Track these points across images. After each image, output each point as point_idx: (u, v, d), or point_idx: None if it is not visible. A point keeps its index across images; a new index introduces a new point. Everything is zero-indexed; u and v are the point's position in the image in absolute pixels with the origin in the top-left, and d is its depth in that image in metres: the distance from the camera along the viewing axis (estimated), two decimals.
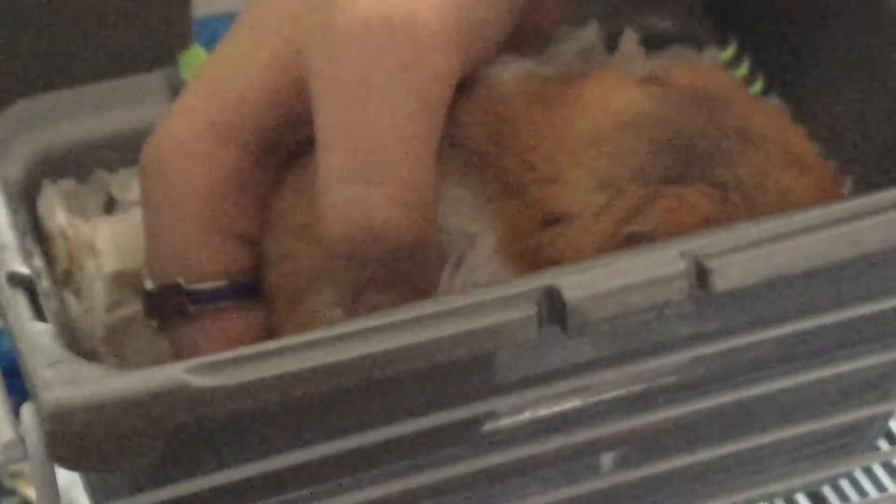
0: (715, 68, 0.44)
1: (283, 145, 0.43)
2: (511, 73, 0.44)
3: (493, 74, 0.44)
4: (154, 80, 0.52)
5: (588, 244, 0.41)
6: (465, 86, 0.43)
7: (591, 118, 0.42)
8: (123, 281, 0.49)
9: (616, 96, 0.43)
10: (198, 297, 0.43)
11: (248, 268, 0.43)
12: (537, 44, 0.48)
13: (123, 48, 0.63)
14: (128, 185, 0.51)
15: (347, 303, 0.41)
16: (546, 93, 0.44)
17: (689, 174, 0.41)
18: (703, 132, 0.42)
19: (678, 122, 0.42)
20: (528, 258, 0.41)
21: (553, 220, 0.41)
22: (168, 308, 0.43)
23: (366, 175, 0.39)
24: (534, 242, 0.41)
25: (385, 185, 0.39)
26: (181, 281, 0.43)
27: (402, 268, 0.40)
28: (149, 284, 0.44)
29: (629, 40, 0.53)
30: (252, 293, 0.43)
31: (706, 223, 0.40)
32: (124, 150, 0.52)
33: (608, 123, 0.42)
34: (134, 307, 0.48)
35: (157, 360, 0.46)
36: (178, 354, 0.44)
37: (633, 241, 0.40)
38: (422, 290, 0.40)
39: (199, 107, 0.43)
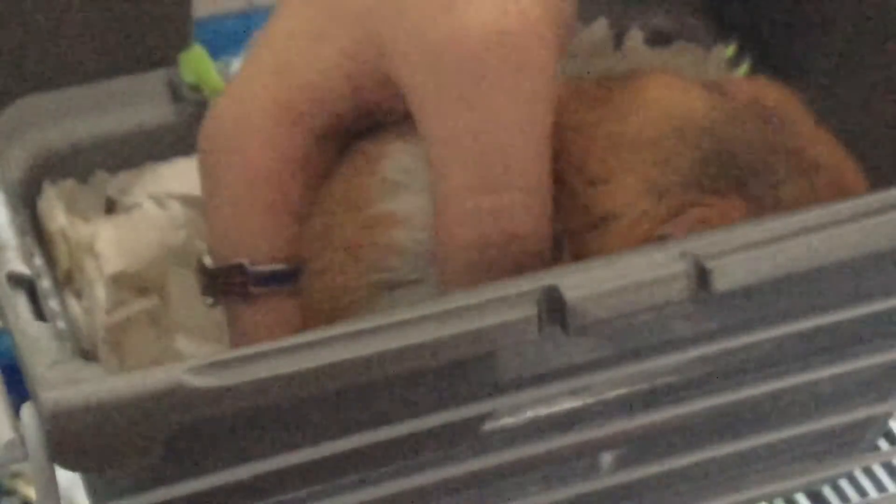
0: (779, 86, 0.44)
1: (347, 132, 0.43)
2: (560, 82, 0.43)
3: None
4: (154, 80, 0.52)
5: (626, 245, 0.41)
6: None
7: (648, 119, 0.42)
8: (124, 282, 0.49)
9: (676, 99, 0.43)
10: (259, 279, 0.43)
11: (301, 251, 0.43)
12: None
13: (123, 48, 0.63)
14: (127, 189, 0.52)
15: None
16: (594, 93, 0.44)
17: (730, 186, 0.41)
18: (755, 148, 0.42)
19: (732, 135, 0.42)
20: (576, 256, 0.42)
21: (600, 221, 0.42)
22: (228, 288, 0.43)
23: (497, 183, 0.39)
24: (578, 243, 0.42)
25: (519, 191, 0.39)
26: (245, 262, 0.43)
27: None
28: (208, 262, 0.44)
29: (634, 38, 0.53)
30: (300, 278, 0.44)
31: None
32: (124, 150, 0.52)
33: (664, 127, 0.42)
34: (135, 308, 0.48)
35: (157, 361, 0.46)
36: (234, 333, 0.44)
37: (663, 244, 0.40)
38: None
39: (263, 86, 0.42)
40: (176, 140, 0.51)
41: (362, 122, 0.43)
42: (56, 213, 0.50)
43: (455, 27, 0.40)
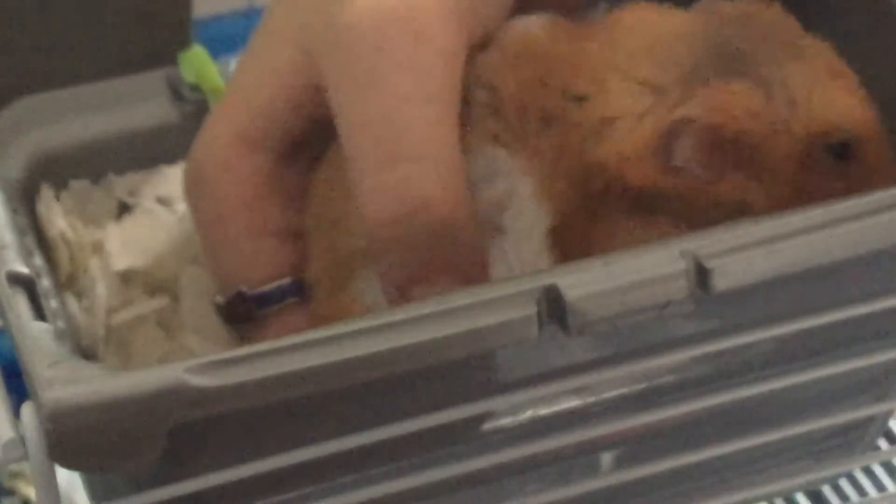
0: (763, 1, 0.44)
1: (310, 145, 0.45)
2: (537, 23, 0.44)
3: (518, 30, 0.44)
4: (154, 80, 0.52)
5: (632, 147, 0.40)
6: (489, 49, 0.43)
7: (637, 35, 0.42)
8: (133, 280, 0.49)
9: (661, 18, 0.42)
10: (262, 300, 0.45)
11: (303, 262, 0.45)
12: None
13: (123, 48, 0.63)
14: (134, 192, 0.52)
15: (395, 295, 0.41)
16: (579, 31, 0.43)
17: (734, 73, 0.41)
18: (749, 39, 0.41)
19: (725, 33, 0.41)
20: (572, 181, 0.41)
21: (596, 129, 0.41)
22: (238, 316, 0.45)
23: (397, 156, 0.40)
24: (576, 161, 0.41)
25: (418, 162, 0.40)
26: (244, 289, 0.44)
27: (447, 249, 0.40)
28: (219, 299, 0.45)
29: None
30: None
31: (753, 117, 0.40)
32: (124, 150, 0.52)
33: (653, 38, 0.42)
34: (143, 307, 0.48)
35: (164, 361, 0.46)
36: None
37: (676, 134, 0.40)
38: (472, 276, 0.41)
39: (226, 119, 0.45)
40: (176, 140, 0.51)
41: (325, 132, 0.44)
42: (54, 217, 0.50)
43: (354, 10, 0.41)
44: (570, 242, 0.42)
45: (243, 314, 0.45)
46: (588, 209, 0.41)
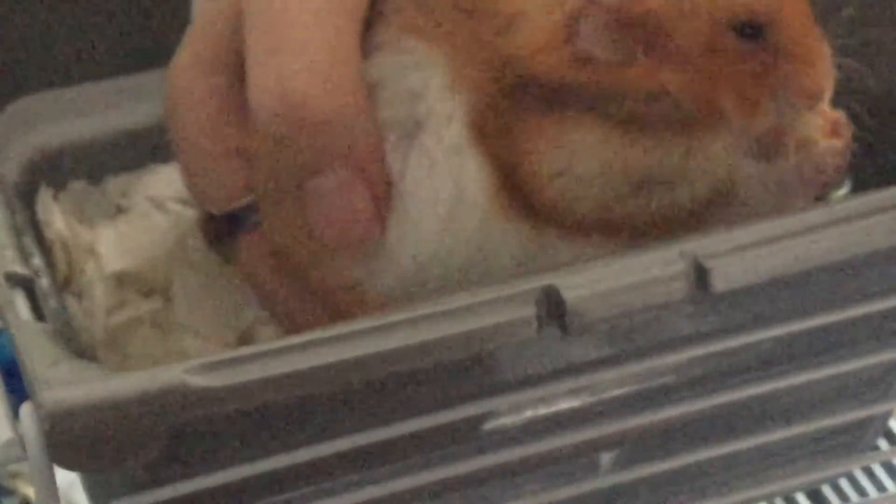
0: None
1: None
2: None
3: None
4: (154, 80, 0.52)
5: (541, 37, 0.40)
6: None
7: None
8: (126, 282, 0.49)
9: None
10: (231, 220, 0.44)
11: None
12: None
13: (123, 48, 0.63)
14: (126, 192, 0.52)
15: (293, 191, 0.41)
16: None
17: None
18: None
19: None
20: (488, 74, 0.41)
21: (508, 23, 0.40)
22: (215, 235, 0.45)
23: (279, 49, 0.40)
24: (490, 54, 0.41)
25: (299, 55, 0.40)
26: (213, 209, 0.44)
27: (332, 142, 0.40)
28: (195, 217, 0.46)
29: None
30: None
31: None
32: (124, 150, 0.52)
33: None
34: (137, 309, 0.48)
35: (160, 362, 0.46)
36: (240, 274, 0.45)
37: (584, 15, 0.40)
38: (369, 171, 0.41)
39: (187, 46, 0.44)
40: None
41: None
42: (53, 219, 0.50)
43: None
44: (492, 138, 0.41)
45: (218, 234, 0.45)
46: (505, 104, 0.41)
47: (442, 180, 0.41)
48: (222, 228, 0.45)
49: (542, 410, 0.42)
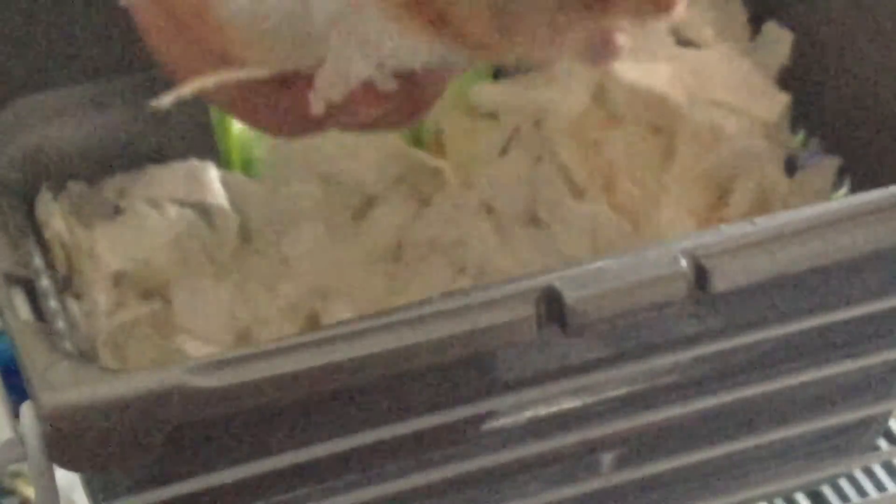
0: None
1: None
2: None
3: None
4: (154, 79, 0.52)
5: None
6: None
7: None
8: (124, 283, 0.49)
9: None
10: None
11: None
12: None
13: (123, 48, 0.63)
14: (124, 193, 0.52)
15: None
16: None
17: None
18: None
19: None
20: None
21: None
22: None
23: None
24: None
25: None
26: None
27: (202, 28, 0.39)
28: None
29: None
30: None
31: None
32: (123, 150, 0.52)
33: None
34: (136, 311, 0.48)
35: (160, 363, 0.46)
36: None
37: None
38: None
39: None
40: (175, 140, 0.51)
41: None
42: (53, 219, 0.50)
43: None
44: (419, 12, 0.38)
45: None
46: None
47: None
48: None
49: (542, 410, 0.42)
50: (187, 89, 0.41)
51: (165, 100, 0.41)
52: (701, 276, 0.37)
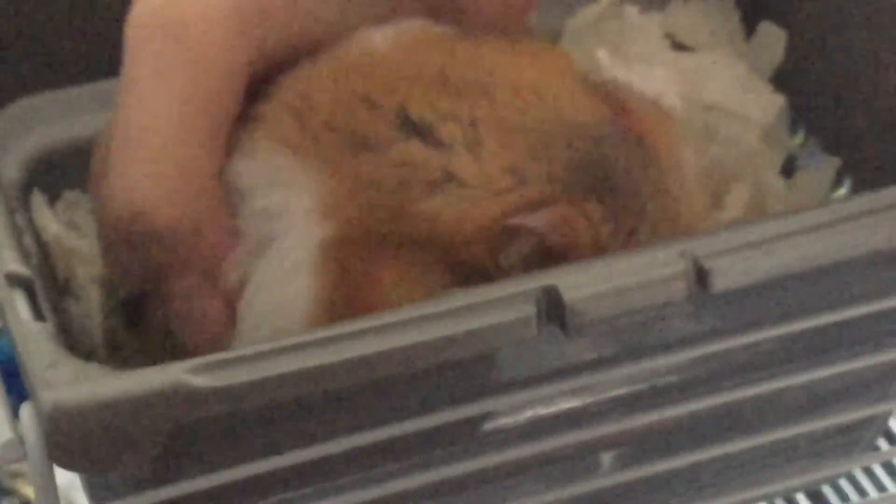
0: (669, 123, 0.44)
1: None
2: (385, 33, 0.42)
3: (361, 43, 0.42)
4: None
5: (472, 220, 0.40)
6: (320, 58, 0.42)
7: (526, 102, 0.41)
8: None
9: (564, 93, 0.41)
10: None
11: None
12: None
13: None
14: None
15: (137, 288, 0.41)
16: (446, 42, 0.42)
17: (595, 194, 0.40)
18: (628, 173, 0.41)
19: (611, 153, 0.41)
20: (371, 213, 0.40)
21: (441, 180, 0.40)
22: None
23: (134, 158, 0.40)
24: (388, 198, 0.40)
25: (149, 165, 0.40)
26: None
27: (180, 252, 0.40)
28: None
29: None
30: None
31: (594, 246, 0.40)
32: None
33: (543, 116, 0.41)
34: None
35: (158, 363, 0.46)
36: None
37: (513, 234, 0.39)
38: (213, 274, 0.41)
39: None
40: None
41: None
42: (48, 222, 0.50)
43: (132, 12, 0.41)
44: (340, 265, 0.40)
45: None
46: (375, 241, 0.40)
47: (279, 295, 0.41)
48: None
49: (542, 410, 0.42)
50: None
51: None
52: (701, 276, 0.37)
